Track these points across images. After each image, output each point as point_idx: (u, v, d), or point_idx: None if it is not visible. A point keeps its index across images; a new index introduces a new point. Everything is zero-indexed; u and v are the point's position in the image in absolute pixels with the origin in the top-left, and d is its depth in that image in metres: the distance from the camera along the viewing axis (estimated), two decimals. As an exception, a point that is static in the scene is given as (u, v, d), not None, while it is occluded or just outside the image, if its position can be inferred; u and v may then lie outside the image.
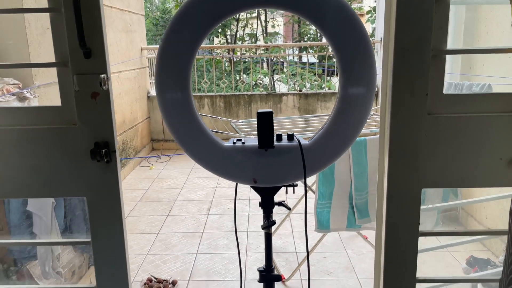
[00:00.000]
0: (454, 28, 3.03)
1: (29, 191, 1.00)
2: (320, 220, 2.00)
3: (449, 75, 3.20)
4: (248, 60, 7.78)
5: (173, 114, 1.01)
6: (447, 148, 0.94)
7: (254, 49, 7.99)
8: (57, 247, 1.59)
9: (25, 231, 1.52)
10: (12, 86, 2.65)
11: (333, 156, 1.05)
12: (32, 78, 2.79)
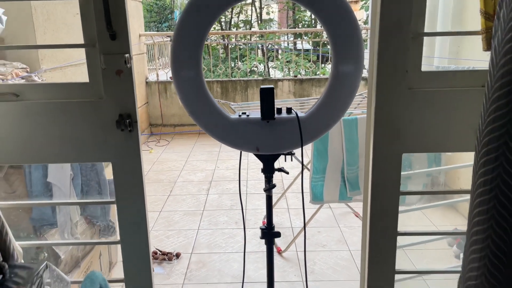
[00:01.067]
0: (443, 13, 3.17)
1: (62, 157, 1.14)
2: (314, 192, 2.16)
3: (438, 59, 3.35)
4: (243, 47, 7.87)
5: (187, 91, 1.15)
6: (424, 118, 1.10)
7: (249, 35, 8.08)
8: (75, 216, 1.74)
9: (45, 201, 1.66)
10: (20, 70, 2.76)
11: (326, 126, 1.20)
12: (39, 62, 2.91)
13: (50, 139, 1.12)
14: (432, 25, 3.23)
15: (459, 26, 3.02)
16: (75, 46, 1.12)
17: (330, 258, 2.66)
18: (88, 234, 2.11)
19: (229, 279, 2.46)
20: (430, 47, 3.42)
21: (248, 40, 8.66)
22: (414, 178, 2.03)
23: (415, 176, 1.99)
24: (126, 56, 1.05)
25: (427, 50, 3.50)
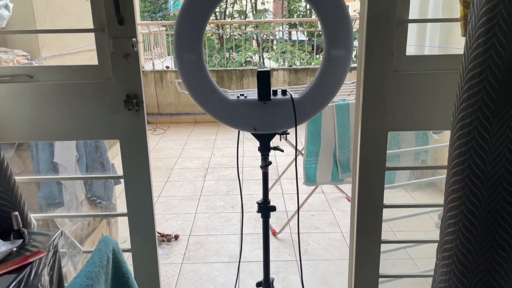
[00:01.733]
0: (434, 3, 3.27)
1: (73, 134, 1.23)
2: (308, 174, 2.26)
3: (428, 48, 3.45)
4: (238, 38, 7.91)
5: (189, 73, 1.23)
6: (408, 99, 1.19)
7: (244, 25, 8.12)
8: (81, 194, 1.82)
9: (52, 181, 1.75)
10: (21, 57, 2.82)
11: (318, 107, 1.29)
12: (39, 50, 2.96)
13: (61, 118, 1.20)
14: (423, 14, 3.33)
15: (450, 14, 3.11)
16: (85, 31, 1.19)
17: (322, 239, 2.77)
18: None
19: (226, 259, 2.56)
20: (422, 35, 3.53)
21: (243, 30, 8.70)
22: (403, 161, 2.13)
23: (403, 159, 2.09)
24: (133, 40, 1.13)
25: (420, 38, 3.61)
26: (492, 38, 0.90)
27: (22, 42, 2.83)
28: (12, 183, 1.06)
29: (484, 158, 0.98)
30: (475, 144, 0.97)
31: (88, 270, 0.87)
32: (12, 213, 1.03)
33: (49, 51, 3.04)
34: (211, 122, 5.95)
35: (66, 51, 3.34)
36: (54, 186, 1.76)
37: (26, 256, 0.98)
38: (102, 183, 1.86)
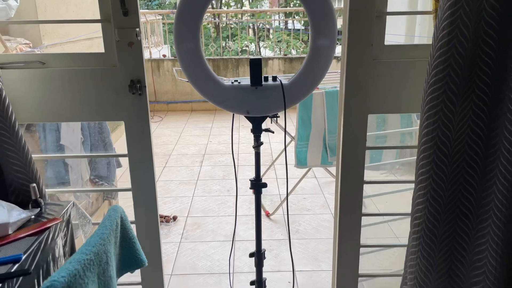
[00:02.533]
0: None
1: (81, 116, 1.35)
2: (299, 158, 2.39)
3: (418, 38, 3.58)
4: (234, 26, 7.96)
5: (188, 61, 1.35)
6: (386, 84, 1.32)
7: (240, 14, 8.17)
8: (85, 175, 1.95)
9: (59, 162, 1.87)
10: (24, 45, 2.92)
11: (305, 92, 1.42)
12: (41, 38, 3.06)
13: (71, 101, 1.32)
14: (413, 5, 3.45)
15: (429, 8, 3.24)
16: (93, 21, 1.30)
17: (313, 220, 2.92)
18: (94, 196, 2.33)
19: (221, 238, 2.71)
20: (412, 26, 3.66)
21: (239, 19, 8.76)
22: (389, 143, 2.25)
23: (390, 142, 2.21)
24: (136, 30, 1.25)
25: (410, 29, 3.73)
26: (455, 30, 1.03)
27: (24, 31, 2.92)
28: (29, 158, 1.18)
29: (449, 136, 1.11)
30: (441, 123, 1.10)
31: (100, 232, 1.00)
32: (30, 185, 1.15)
33: (50, 39, 3.13)
34: (207, 110, 6.07)
35: (66, 39, 3.44)
36: (61, 166, 1.88)
37: (44, 222, 1.10)
38: (106, 164, 1.98)
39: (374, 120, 1.88)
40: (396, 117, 2.04)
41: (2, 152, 1.16)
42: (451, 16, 1.02)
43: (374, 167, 2.01)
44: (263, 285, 1.65)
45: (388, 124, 1.99)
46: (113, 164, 2.07)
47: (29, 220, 1.12)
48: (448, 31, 1.03)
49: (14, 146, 1.15)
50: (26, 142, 1.18)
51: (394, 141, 2.31)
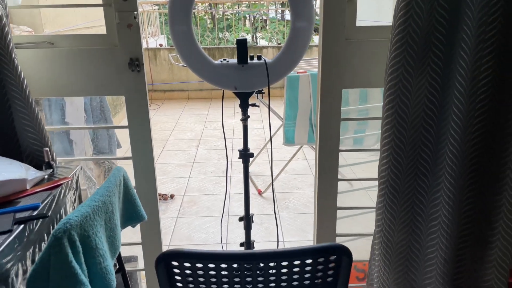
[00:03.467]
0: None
1: (86, 91, 1.51)
2: (287, 136, 2.56)
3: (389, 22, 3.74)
4: (231, 18, 8.06)
5: (180, 42, 1.51)
6: (358, 62, 1.48)
7: (237, 5, 8.26)
8: (89, 150, 2.11)
9: (64, 137, 2.03)
10: (26, 33, 3.06)
11: (287, 69, 1.58)
12: (42, 26, 3.20)
13: (77, 78, 1.48)
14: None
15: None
16: (95, 6, 1.45)
17: (303, 197, 3.10)
18: (96, 172, 2.49)
19: (216, 214, 2.88)
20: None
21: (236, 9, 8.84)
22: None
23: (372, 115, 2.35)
24: (135, 13, 1.40)
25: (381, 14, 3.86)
26: (410, 11, 1.19)
27: (27, 19, 3.06)
28: (42, 126, 1.35)
29: (408, 105, 1.27)
30: (400, 93, 1.27)
31: (106, 185, 1.17)
32: (44, 149, 1.32)
33: (51, 27, 3.28)
34: (203, 98, 6.21)
35: (66, 27, 3.58)
36: (66, 142, 2.04)
37: (56, 180, 1.27)
38: (107, 140, 2.14)
39: (358, 95, 2.05)
40: (378, 92, 2.20)
41: (18, 121, 1.32)
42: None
43: (359, 145, 2.18)
44: (251, 246, 1.83)
45: (370, 99, 2.15)
46: (114, 142, 2.23)
47: (43, 179, 1.28)
48: (405, 11, 1.19)
49: (28, 116, 1.31)
50: (39, 111, 1.34)
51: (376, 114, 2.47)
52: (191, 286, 0.92)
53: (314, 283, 0.94)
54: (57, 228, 0.96)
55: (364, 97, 2.09)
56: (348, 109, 2.11)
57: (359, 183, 2.42)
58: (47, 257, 0.95)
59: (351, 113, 2.12)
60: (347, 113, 2.08)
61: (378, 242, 1.45)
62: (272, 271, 0.90)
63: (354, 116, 2.07)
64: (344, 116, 1.55)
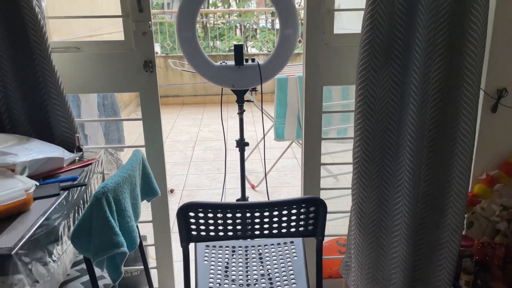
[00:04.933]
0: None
1: (107, 88, 1.78)
2: (277, 132, 2.85)
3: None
4: (222, 27, 8.36)
5: (186, 46, 1.79)
6: (335, 63, 1.77)
7: (227, 14, 8.58)
8: (101, 143, 2.37)
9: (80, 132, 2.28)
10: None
11: (276, 70, 1.87)
12: (51, 35, 3.45)
13: (99, 77, 1.74)
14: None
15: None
16: (115, 17, 1.72)
17: (292, 190, 3.37)
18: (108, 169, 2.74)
19: (213, 205, 3.14)
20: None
21: (227, 19, 9.15)
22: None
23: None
24: (149, 23, 1.68)
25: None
26: (374, 21, 1.48)
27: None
28: (72, 117, 1.61)
29: (375, 96, 1.56)
30: (368, 88, 1.56)
31: (130, 163, 1.43)
32: (76, 135, 1.58)
33: (59, 35, 3.53)
34: (197, 103, 6.48)
35: (74, 35, 3.84)
36: (81, 136, 2.30)
37: (86, 160, 1.53)
38: (116, 132, 2.41)
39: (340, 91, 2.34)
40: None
41: (53, 112, 1.58)
42: (371, 7, 1.47)
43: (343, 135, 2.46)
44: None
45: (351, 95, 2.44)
46: (123, 136, 2.49)
47: (74, 160, 1.54)
48: (370, 21, 1.49)
49: (62, 108, 1.57)
50: (70, 106, 1.60)
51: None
52: (203, 229, 1.18)
53: (298, 230, 1.22)
54: (96, 190, 1.22)
55: (346, 93, 2.37)
56: (332, 104, 2.41)
57: (339, 171, 2.72)
58: (89, 213, 1.21)
59: (335, 107, 2.42)
60: (329, 108, 2.38)
61: (353, 213, 1.73)
62: (265, 219, 1.17)
63: (338, 111, 2.38)
64: (329, 110, 1.83)
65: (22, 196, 1.13)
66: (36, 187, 1.23)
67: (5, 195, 1.11)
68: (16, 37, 1.53)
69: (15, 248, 0.99)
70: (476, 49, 1.44)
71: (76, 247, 1.22)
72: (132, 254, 2.10)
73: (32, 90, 1.56)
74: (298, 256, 1.53)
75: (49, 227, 1.16)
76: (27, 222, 1.10)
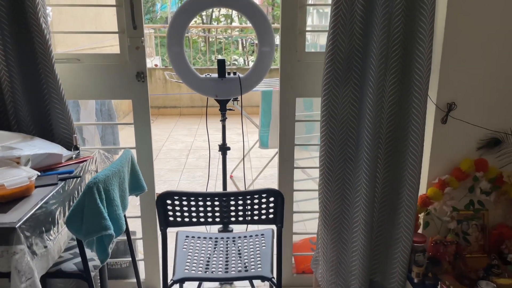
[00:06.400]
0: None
1: (103, 95, 2.00)
2: (262, 140, 3.06)
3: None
4: (223, 41, 8.65)
5: (175, 59, 2.01)
6: (306, 77, 1.99)
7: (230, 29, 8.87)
8: (98, 146, 2.58)
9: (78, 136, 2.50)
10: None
11: (255, 83, 2.10)
12: (55, 47, 3.70)
13: (96, 86, 1.97)
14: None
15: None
16: (112, 33, 1.95)
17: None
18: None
19: (202, 208, 3.33)
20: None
21: (229, 34, 9.45)
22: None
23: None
24: (142, 39, 1.91)
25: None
26: (336, 42, 1.70)
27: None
28: (71, 120, 1.82)
29: (337, 107, 1.78)
30: (331, 99, 1.77)
31: (120, 159, 1.65)
32: (73, 135, 1.80)
33: (64, 46, 3.79)
34: (194, 114, 6.72)
35: (75, 48, 4.10)
36: (79, 140, 2.51)
37: (82, 157, 1.75)
38: (112, 136, 2.63)
39: (311, 103, 2.56)
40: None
41: (54, 115, 1.80)
42: (333, 27, 1.70)
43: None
44: (227, 227, 2.30)
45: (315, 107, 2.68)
46: (118, 140, 2.71)
47: (71, 157, 1.76)
48: (332, 40, 1.71)
49: (62, 111, 1.79)
50: (69, 109, 1.82)
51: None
52: (178, 215, 1.39)
53: (261, 218, 1.42)
54: (89, 181, 1.43)
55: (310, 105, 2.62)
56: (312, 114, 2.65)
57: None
58: (82, 200, 1.42)
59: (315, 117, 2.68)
60: (311, 117, 2.64)
61: (320, 212, 1.93)
62: (232, 208, 1.38)
63: (308, 120, 2.62)
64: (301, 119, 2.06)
65: (26, 182, 1.34)
66: (37, 177, 1.44)
67: (11, 181, 1.32)
68: (25, 49, 1.75)
69: (18, 222, 1.20)
70: (423, 68, 1.66)
71: (70, 229, 1.43)
72: (121, 248, 2.30)
73: (36, 95, 1.79)
74: (267, 245, 1.73)
75: (47, 210, 1.37)
76: (29, 204, 1.31)
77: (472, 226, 1.97)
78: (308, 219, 2.57)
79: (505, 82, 1.84)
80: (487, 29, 1.77)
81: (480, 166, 1.87)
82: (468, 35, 1.77)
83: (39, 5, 1.70)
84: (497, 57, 1.80)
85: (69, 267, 1.58)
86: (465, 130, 1.87)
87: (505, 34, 1.78)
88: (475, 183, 1.88)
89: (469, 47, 1.79)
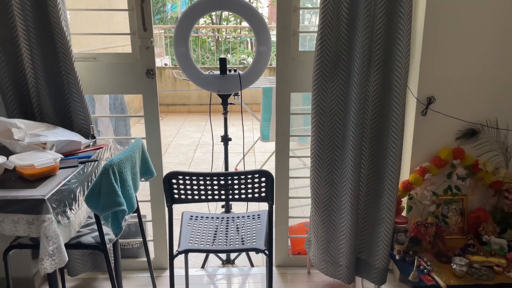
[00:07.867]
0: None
1: (117, 90, 2.22)
2: (263, 134, 3.27)
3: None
4: (232, 41, 8.86)
5: (181, 58, 2.23)
6: (300, 74, 2.19)
7: (239, 29, 9.08)
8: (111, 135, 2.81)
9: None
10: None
11: (253, 79, 2.29)
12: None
13: (111, 81, 2.19)
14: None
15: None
16: (124, 34, 2.17)
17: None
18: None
19: (207, 198, 3.55)
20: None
21: (238, 34, 9.66)
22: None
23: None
24: (151, 39, 2.13)
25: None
26: (323, 42, 1.90)
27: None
28: (88, 111, 2.05)
29: (326, 100, 1.97)
30: (320, 93, 1.97)
31: (132, 146, 1.86)
32: (91, 125, 2.02)
33: (77, 47, 4.03)
34: (202, 112, 6.94)
35: (88, 48, 4.34)
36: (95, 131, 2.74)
37: (98, 145, 1.97)
38: (124, 129, 2.85)
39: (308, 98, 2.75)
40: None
41: (73, 107, 2.02)
42: (321, 29, 1.89)
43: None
44: (229, 208, 2.51)
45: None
46: (130, 132, 2.94)
47: (88, 145, 1.98)
48: (320, 41, 1.91)
49: (81, 104, 2.02)
50: (86, 101, 2.05)
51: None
52: (183, 193, 1.60)
53: (254, 196, 1.63)
54: (105, 163, 1.65)
55: (307, 100, 2.82)
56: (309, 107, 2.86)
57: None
58: (99, 180, 1.64)
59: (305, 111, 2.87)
60: (308, 110, 2.87)
61: (311, 196, 2.13)
62: (229, 186, 1.58)
63: (301, 113, 2.83)
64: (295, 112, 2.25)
65: (52, 163, 1.57)
66: (60, 160, 1.66)
67: (40, 161, 1.54)
68: (48, 49, 1.98)
69: (47, 195, 1.42)
70: (402, 65, 1.84)
71: (89, 205, 1.65)
72: (133, 230, 2.52)
73: (58, 89, 2.01)
74: (262, 224, 1.94)
75: (69, 188, 1.59)
76: (54, 182, 1.53)
77: (452, 210, 2.15)
78: (306, 205, 2.77)
79: (481, 77, 2.02)
80: (463, 29, 1.95)
81: (458, 154, 2.05)
82: (445, 35, 1.95)
83: (60, 9, 1.92)
84: (473, 54, 1.98)
85: (88, 240, 1.80)
86: (444, 122, 2.05)
87: (479, 33, 1.95)
88: (452, 169, 2.06)
89: (447, 45, 1.97)
